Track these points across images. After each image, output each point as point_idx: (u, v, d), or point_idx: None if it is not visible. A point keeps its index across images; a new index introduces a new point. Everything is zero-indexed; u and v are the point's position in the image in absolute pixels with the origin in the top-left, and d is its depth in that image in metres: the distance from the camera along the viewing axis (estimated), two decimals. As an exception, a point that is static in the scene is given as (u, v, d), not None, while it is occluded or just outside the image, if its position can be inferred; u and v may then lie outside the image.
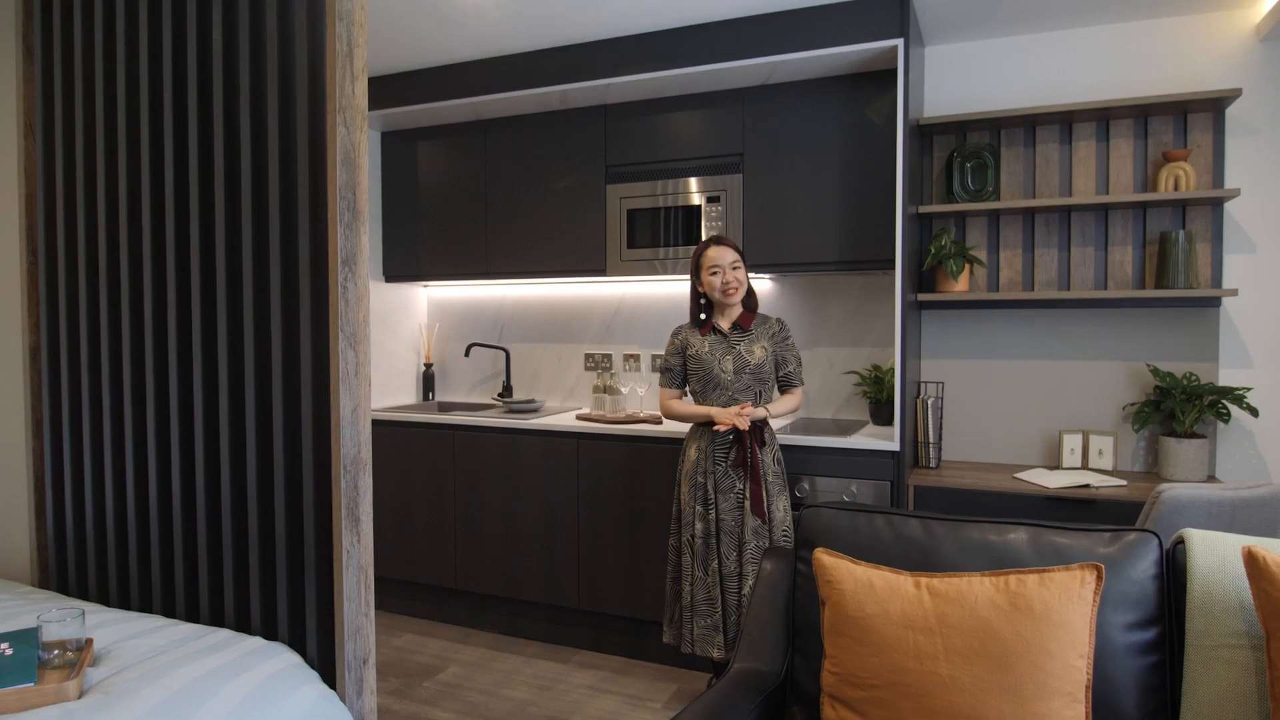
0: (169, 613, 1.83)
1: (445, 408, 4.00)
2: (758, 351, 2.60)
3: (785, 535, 2.57)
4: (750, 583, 2.50)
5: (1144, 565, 1.57)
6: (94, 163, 1.93)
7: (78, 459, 2.00)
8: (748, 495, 2.54)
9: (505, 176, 3.66)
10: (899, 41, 2.75)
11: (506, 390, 3.93)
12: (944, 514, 1.74)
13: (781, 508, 2.59)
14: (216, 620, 1.76)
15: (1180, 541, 1.59)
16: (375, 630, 1.72)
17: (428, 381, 4.14)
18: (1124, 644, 1.52)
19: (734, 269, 2.58)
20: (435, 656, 3.24)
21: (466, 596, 3.53)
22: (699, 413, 2.61)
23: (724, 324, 2.64)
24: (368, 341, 1.63)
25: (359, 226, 1.59)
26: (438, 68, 3.54)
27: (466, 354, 3.94)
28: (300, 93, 1.60)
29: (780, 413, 2.62)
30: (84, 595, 1.97)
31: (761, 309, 3.14)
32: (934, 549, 1.67)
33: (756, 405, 2.59)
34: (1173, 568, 1.57)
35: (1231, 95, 2.71)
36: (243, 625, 1.72)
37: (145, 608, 1.86)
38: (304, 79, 1.59)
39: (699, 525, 2.59)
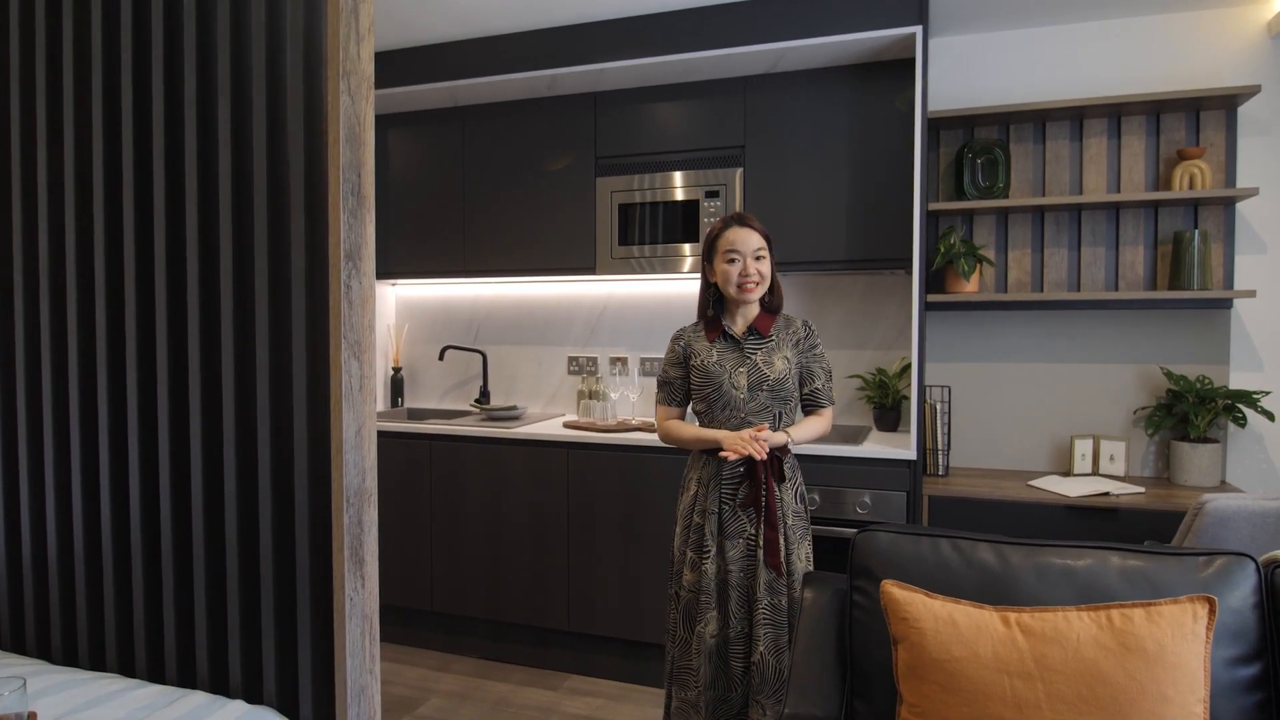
0: (127, 671, 1.55)
1: (417, 415, 3.73)
2: (778, 363, 2.13)
3: None
4: (762, 648, 2.07)
5: (1242, 593, 1.43)
6: (33, 135, 1.62)
7: (12, 484, 1.70)
8: (761, 542, 2.10)
9: (485, 168, 3.41)
10: (917, 29, 2.60)
11: (484, 396, 3.68)
12: (1017, 538, 1.59)
13: (803, 556, 2.15)
14: (187, 680, 1.49)
15: (1277, 565, 1.47)
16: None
17: (396, 387, 3.86)
18: (1227, 682, 1.38)
19: (757, 258, 2.11)
20: (414, 687, 2.97)
21: (445, 619, 3.27)
22: (704, 437, 2.14)
23: (737, 327, 2.18)
24: (373, 350, 1.39)
25: (364, 214, 1.35)
26: (412, 48, 3.27)
27: (441, 357, 3.67)
28: (294, 54, 1.35)
29: (805, 438, 2.15)
30: (20, 649, 1.67)
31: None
32: (1011, 578, 1.51)
33: (776, 429, 2.14)
34: (1273, 595, 1.45)
35: (1249, 92, 2.64)
36: (220, 686, 1.46)
37: (97, 665, 1.58)
38: (298, 38, 1.34)
39: (689, 576, 2.15)
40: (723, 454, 2.06)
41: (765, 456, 2.05)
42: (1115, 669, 1.27)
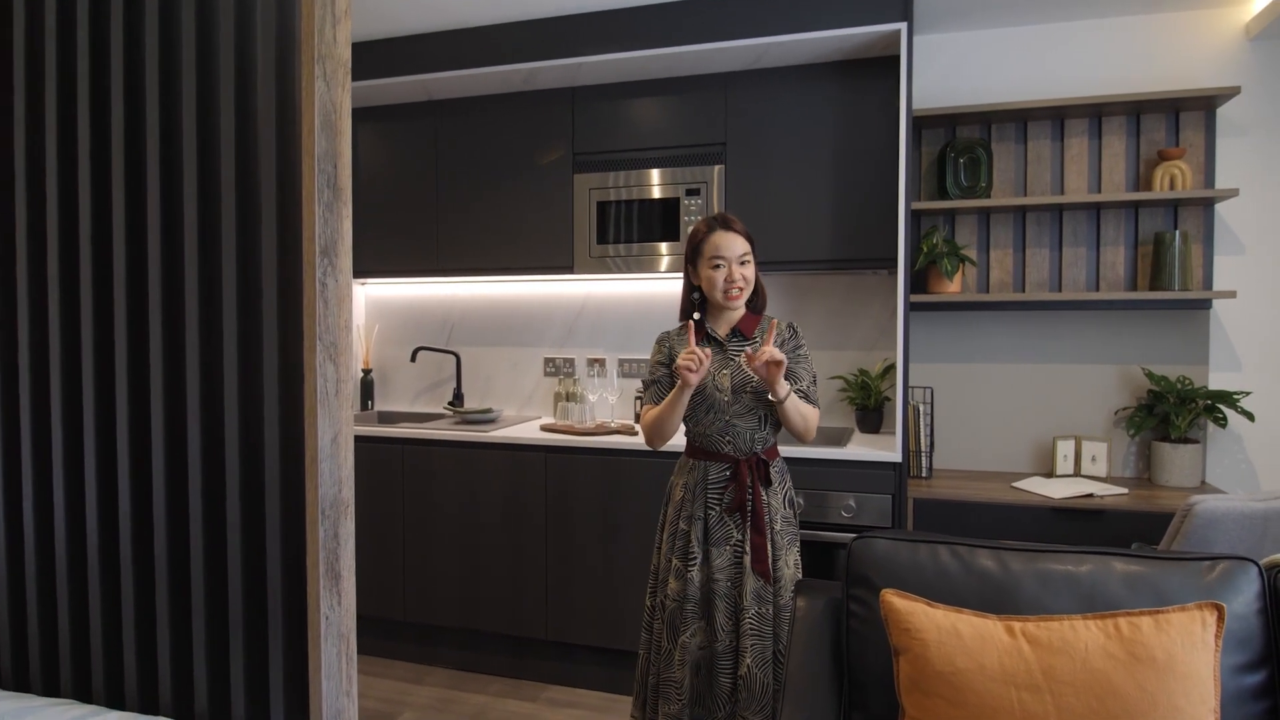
0: (83, 696, 1.44)
1: (387, 418, 3.63)
2: None
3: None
4: (749, 660, 2.00)
5: (1245, 598, 1.41)
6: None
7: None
8: (748, 548, 2.05)
9: (459, 164, 3.32)
10: (902, 26, 2.57)
11: (458, 398, 3.59)
12: (1014, 543, 1.55)
13: (791, 562, 2.10)
14: (148, 705, 1.39)
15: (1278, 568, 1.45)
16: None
17: (366, 389, 3.74)
18: (1234, 690, 1.35)
19: (742, 264, 2.07)
20: (386, 700, 2.88)
21: (419, 629, 3.17)
22: (671, 398, 2.05)
23: (721, 329, 2.15)
24: (350, 352, 1.30)
25: (341, 208, 1.28)
26: (384, 40, 3.17)
27: (412, 359, 3.57)
28: (265, 37, 1.26)
29: (798, 409, 2.04)
30: (-35, 673, 1.56)
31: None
32: (1012, 586, 1.47)
33: (762, 430, 2.09)
34: (1277, 600, 1.42)
35: (1228, 93, 2.65)
36: (184, 712, 1.36)
37: (51, 690, 1.47)
38: (270, 19, 1.25)
39: (675, 585, 2.08)
40: (680, 367, 1.97)
41: (763, 364, 1.92)
42: (1125, 680, 1.23)
